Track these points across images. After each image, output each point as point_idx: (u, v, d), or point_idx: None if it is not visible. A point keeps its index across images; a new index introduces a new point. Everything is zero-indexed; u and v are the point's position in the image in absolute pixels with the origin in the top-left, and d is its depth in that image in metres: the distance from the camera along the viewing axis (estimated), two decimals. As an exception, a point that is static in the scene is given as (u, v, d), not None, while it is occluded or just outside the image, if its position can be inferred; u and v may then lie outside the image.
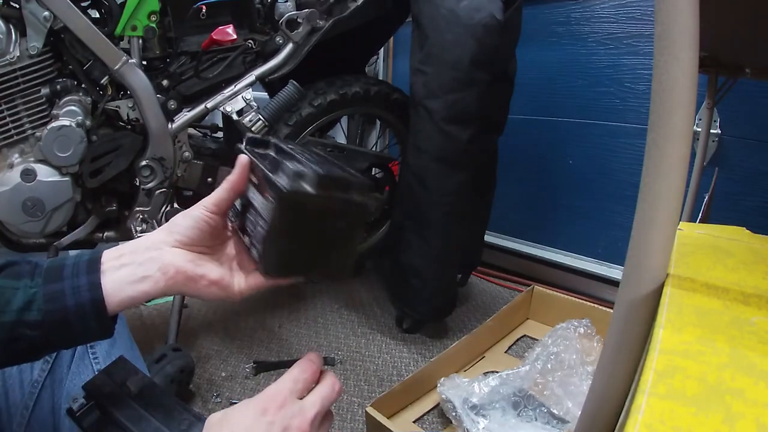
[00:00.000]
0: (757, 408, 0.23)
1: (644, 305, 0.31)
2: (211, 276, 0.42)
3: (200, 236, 0.43)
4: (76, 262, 0.40)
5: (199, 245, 0.43)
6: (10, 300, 0.37)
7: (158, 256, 0.40)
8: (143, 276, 0.39)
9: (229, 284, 0.43)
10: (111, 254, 0.41)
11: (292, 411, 0.38)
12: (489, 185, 1.40)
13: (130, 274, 0.39)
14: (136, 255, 0.40)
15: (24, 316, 0.37)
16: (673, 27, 0.28)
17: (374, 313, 1.45)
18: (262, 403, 0.38)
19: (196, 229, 0.43)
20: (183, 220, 0.43)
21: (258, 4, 1.15)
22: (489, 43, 1.08)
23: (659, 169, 0.29)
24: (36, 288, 0.38)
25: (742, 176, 1.25)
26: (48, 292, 0.38)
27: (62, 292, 0.38)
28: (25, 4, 0.89)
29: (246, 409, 0.38)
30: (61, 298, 0.38)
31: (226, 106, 1.06)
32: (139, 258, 0.40)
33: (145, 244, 0.41)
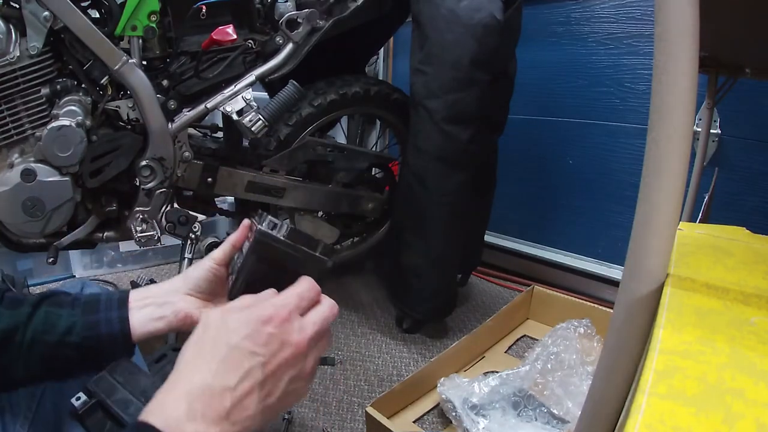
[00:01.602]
0: (757, 408, 0.23)
1: (644, 305, 0.31)
2: None
3: (208, 285, 0.52)
4: (108, 298, 0.50)
5: (207, 293, 0.53)
6: (55, 324, 0.47)
7: (174, 302, 0.51)
8: (160, 316, 0.50)
9: None
10: (137, 295, 0.51)
11: (293, 327, 0.39)
12: (489, 185, 1.40)
13: (150, 313, 0.50)
14: (157, 298, 0.51)
15: (66, 338, 0.47)
16: (673, 27, 0.28)
17: (374, 313, 1.45)
18: (266, 313, 0.39)
19: (206, 280, 0.52)
20: (195, 272, 0.53)
21: (258, 4, 1.15)
22: (489, 43, 1.08)
23: (659, 169, 0.29)
24: (76, 317, 0.48)
25: (742, 176, 1.25)
26: (86, 321, 0.48)
27: (98, 322, 0.48)
28: (25, 4, 0.89)
29: (248, 315, 0.39)
30: (97, 327, 0.48)
31: (226, 106, 1.06)
32: (159, 300, 0.51)
33: (166, 289, 0.52)
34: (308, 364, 0.40)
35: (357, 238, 1.59)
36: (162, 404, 0.35)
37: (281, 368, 0.38)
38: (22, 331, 0.46)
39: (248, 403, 0.36)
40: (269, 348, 0.38)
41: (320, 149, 1.28)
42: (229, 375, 0.36)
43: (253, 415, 0.36)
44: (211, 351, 0.37)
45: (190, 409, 0.34)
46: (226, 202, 1.64)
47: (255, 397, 0.36)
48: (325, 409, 1.06)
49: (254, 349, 0.37)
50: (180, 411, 0.34)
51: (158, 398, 0.35)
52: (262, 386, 0.37)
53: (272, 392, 0.38)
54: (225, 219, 1.76)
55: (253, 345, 0.37)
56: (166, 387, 0.36)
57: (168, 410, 0.34)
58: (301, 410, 1.05)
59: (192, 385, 0.35)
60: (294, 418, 1.02)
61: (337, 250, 1.56)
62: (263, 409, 0.37)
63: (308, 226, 1.36)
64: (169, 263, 1.73)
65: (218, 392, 0.35)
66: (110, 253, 1.63)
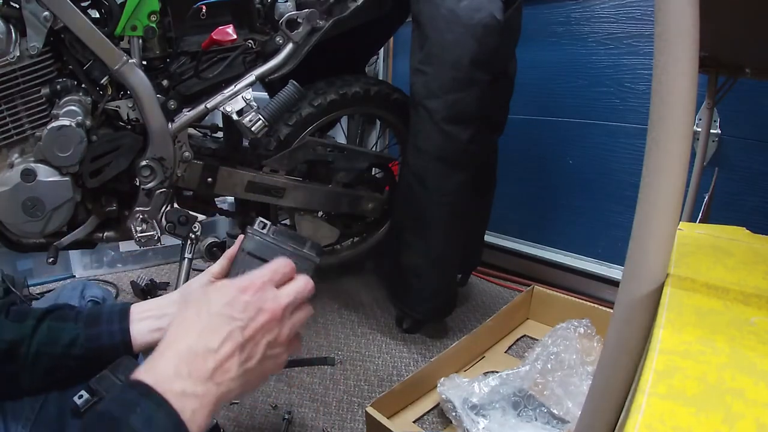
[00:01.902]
0: (757, 408, 0.23)
1: (644, 305, 0.31)
2: None
3: None
4: (110, 311, 0.52)
5: None
6: (59, 337, 0.49)
7: (172, 313, 0.52)
8: (159, 327, 0.52)
9: None
10: (137, 308, 0.53)
11: (267, 295, 0.43)
12: (489, 185, 1.40)
13: (150, 325, 0.52)
14: (156, 311, 0.53)
15: (70, 351, 0.49)
16: (673, 27, 0.28)
17: (374, 313, 1.45)
18: (243, 283, 0.43)
19: None
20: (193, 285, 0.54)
21: (258, 4, 1.15)
22: (489, 43, 1.08)
23: (659, 168, 0.29)
24: (79, 330, 0.50)
25: (742, 176, 1.25)
26: (89, 334, 0.50)
27: (100, 334, 0.50)
28: (25, 4, 0.89)
29: (226, 287, 0.43)
30: (99, 339, 0.50)
31: (226, 106, 1.06)
32: (158, 313, 0.53)
33: (166, 302, 0.54)
34: (284, 331, 0.44)
35: (357, 238, 1.59)
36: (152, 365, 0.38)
37: (259, 332, 0.41)
38: (27, 343, 0.48)
39: (230, 365, 0.39)
40: (247, 314, 0.41)
41: (320, 149, 1.28)
42: (211, 339, 0.39)
43: (235, 377, 0.39)
44: (194, 319, 0.41)
45: (177, 369, 0.37)
46: (226, 202, 1.64)
47: (236, 359, 0.40)
48: (325, 409, 1.06)
49: (233, 314, 0.41)
50: (168, 370, 0.37)
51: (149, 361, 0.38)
52: (242, 349, 0.40)
53: (251, 356, 0.41)
54: (225, 219, 1.76)
55: (232, 311, 0.41)
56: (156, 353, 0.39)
57: (158, 370, 0.37)
58: (301, 410, 1.05)
59: (178, 348, 0.38)
60: (294, 418, 1.02)
61: (337, 250, 1.57)
62: (244, 372, 0.40)
63: (308, 226, 1.36)
64: (169, 263, 1.73)
65: (202, 354, 0.38)
66: (110, 253, 1.63)
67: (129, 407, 0.34)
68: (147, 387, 0.35)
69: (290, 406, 1.05)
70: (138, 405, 0.34)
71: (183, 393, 0.36)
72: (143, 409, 0.34)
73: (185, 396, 0.36)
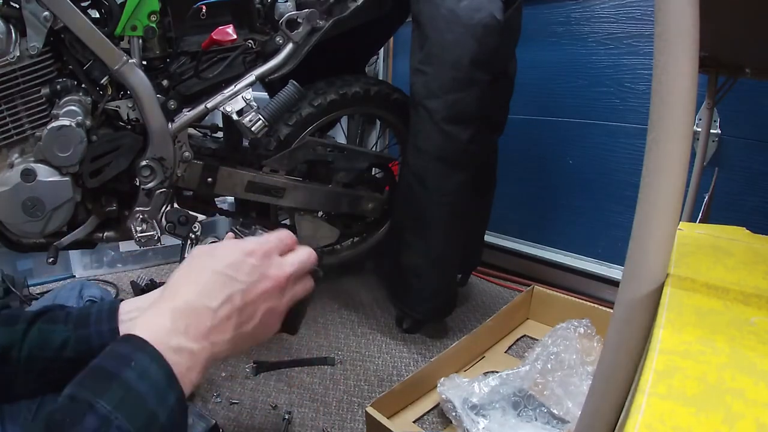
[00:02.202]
0: (757, 408, 0.23)
1: (644, 305, 0.31)
2: None
3: None
4: (99, 311, 0.51)
5: None
6: (50, 340, 0.48)
7: None
8: None
9: None
10: (125, 308, 0.52)
11: (272, 262, 0.43)
12: (489, 185, 1.40)
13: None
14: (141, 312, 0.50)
15: (61, 354, 0.48)
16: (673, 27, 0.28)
17: (374, 313, 1.45)
18: (250, 246, 0.43)
19: None
20: None
21: (258, 4, 1.15)
22: (489, 43, 1.08)
23: (659, 169, 0.29)
24: (69, 332, 0.49)
25: (742, 176, 1.25)
26: (79, 336, 0.49)
27: (89, 336, 0.49)
28: (25, 4, 0.89)
29: (233, 247, 0.43)
30: (89, 341, 0.49)
31: (226, 106, 1.06)
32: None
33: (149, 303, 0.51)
34: (284, 300, 0.43)
35: (357, 238, 1.59)
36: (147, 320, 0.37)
37: (259, 298, 0.41)
38: (18, 347, 0.47)
39: (227, 326, 0.39)
40: (250, 277, 0.41)
41: (320, 149, 1.28)
42: (211, 297, 0.39)
43: (229, 339, 0.39)
44: (196, 275, 0.40)
45: (174, 325, 0.37)
46: (226, 202, 1.64)
47: (233, 321, 0.40)
48: (325, 409, 1.06)
49: (236, 276, 0.40)
50: (165, 325, 0.36)
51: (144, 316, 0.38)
52: (240, 312, 0.40)
53: (248, 320, 0.41)
54: (225, 219, 1.76)
55: (236, 272, 0.40)
56: (152, 306, 0.39)
57: (153, 325, 0.37)
58: (301, 410, 1.05)
59: (176, 303, 0.38)
60: (294, 418, 1.02)
61: (337, 250, 1.57)
62: (238, 336, 0.40)
63: (308, 226, 1.36)
64: (169, 263, 1.73)
65: (200, 311, 0.38)
66: (110, 253, 1.63)
67: (123, 361, 0.34)
68: (141, 341, 0.35)
69: (290, 406, 1.05)
70: (132, 359, 0.34)
71: (178, 348, 0.36)
72: (137, 363, 0.34)
73: (180, 352, 0.36)
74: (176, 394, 0.35)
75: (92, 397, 0.32)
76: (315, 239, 1.37)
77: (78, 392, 0.33)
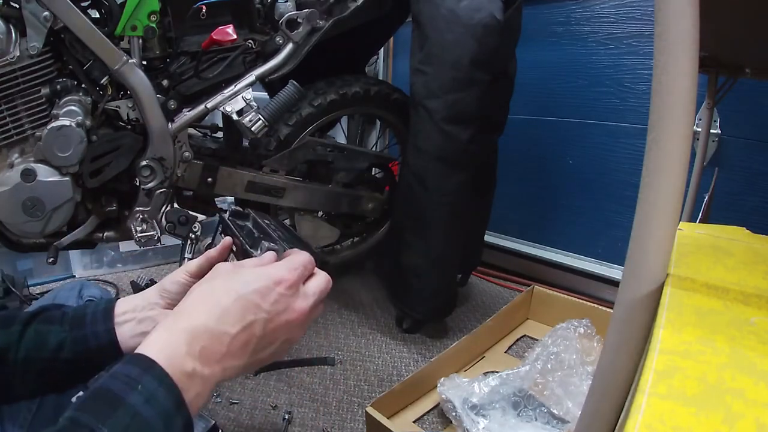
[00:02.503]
0: (757, 408, 0.23)
1: (644, 305, 0.31)
2: None
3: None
4: (94, 311, 0.51)
5: None
6: (46, 342, 0.48)
7: (154, 316, 0.51)
8: (142, 332, 0.50)
9: None
10: (119, 309, 0.51)
11: (299, 293, 0.42)
12: (489, 185, 1.40)
13: (131, 329, 0.50)
14: (136, 313, 0.51)
15: (58, 355, 0.48)
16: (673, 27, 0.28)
17: (374, 313, 1.45)
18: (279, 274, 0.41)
19: (181, 293, 0.52)
20: (171, 285, 0.53)
21: (258, 4, 1.15)
22: (489, 43, 1.08)
23: (659, 169, 0.29)
24: (65, 333, 0.49)
25: (742, 176, 1.25)
26: (75, 336, 0.49)
27: (86, 337, 0.49)
28: (25, 4, 0.89)
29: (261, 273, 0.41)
30: (85, 341, 0.49)
31: (226, 106, 1.06)
32: (139, 316, 0.51)
33: (143, 304, 0.52)
34: (301, 331, 0.43)
35: (357, 238, 1.59)
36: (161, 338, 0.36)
37: (281, 328, 0.40)
38: (14, 349, 0.47)
39: (242, 353, 0.38)
40: (275, 307, 0.40)
41: (320, 149, 1.28)
42: (232, 322, 0.38)
43: (241, 366, 0.39)
44: (217, 296, 0.39)
45: (189, 348, 0.35)
46: (226, 202, 1.64)
47: (250, 348, 0.39)
48: (325, 409, 1.06)
49: (261, 305, 0.39)
50: (179, 348, 0.35)
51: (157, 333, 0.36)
52: (259, 341, 0.39)
53: (265, 348, 0.40)
54: (225, 219, 1.76)
55: (262, 300, 0.39)
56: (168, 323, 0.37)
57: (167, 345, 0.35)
58: (301, 410, 1.05)
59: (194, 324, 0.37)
60: (294, 418, 1.02)
61: (337, 250, 1.57)
62: (251, 363, 0.39)
63: (308, 226, 1.36)
64: (169, 263, 1.73)
65: (218, 336, 0.37)
66: (110, 253, 1.63)
67: (130, 383, 0.33)
68: (150, 361, 0.34)
69: (290, 406, 1.05)
70: (139, 381, 0.33)
71: (192, 374, 0.35)
72: (144, 386, 0.33)
73: (193, 377, 0.35)
74: (183, 419, 0.34)
75: (95, 423, 0.31)
76: (315, 239, 1.37)
77: (80, 416, 0.32)
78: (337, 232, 1.41)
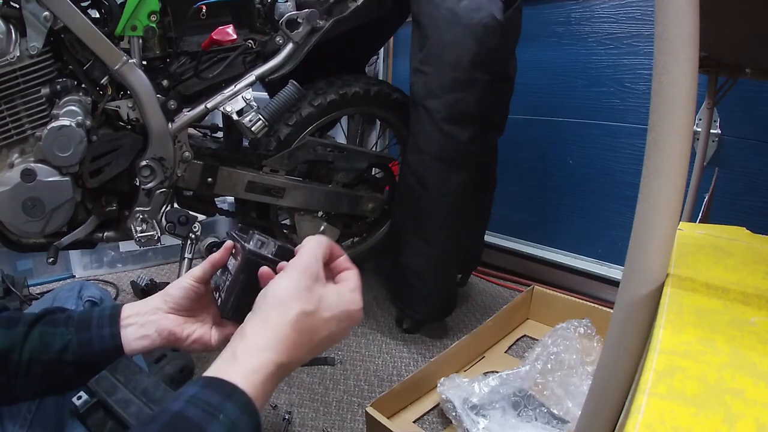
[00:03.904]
0: (757, 408, 0.23)
1: (644, 305, 0.31)
2: (193, 336, 0.54)
3: (188, 303, 0.54)
4: (100, 315, 0.52)
5: (187, 310, 0.54)
6: (51, 344, 0.48)
7: (156, 320, 0.52)
8: (144, 335, 0.52)
9: (207, 341, 0.54)
10: (125, 312, 0.52)
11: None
12: (489, 185, 1.40)
13: (134, 332, 0.51)
14: (139, 317, 0.52)
15: (62, 357, 0.48)
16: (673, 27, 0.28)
17: (374, 313, 1.45)
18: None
19: (185, 298, 0.53)
20: (175, 291, 0.54)
21: (258, 4, 1.15)
22: (489, 43, 1.08)
23: (659, 169, 0.29)
24: (70, 336, 0.49)
25: (742, 176, 1.25)
26: (80, 339, 0.49)
27: (91, 340, 0.50)
28: (25, 4, 0.89)
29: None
30: (90, 344, 0.49)
31: (226, 106, 1.06)
32: (142, 320, 0.52)
33: (146, 309, 0.53)
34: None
35: (357, 238, 1.59)
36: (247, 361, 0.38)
37: (343, 332, 0.47)
38: (18, 351, 0.47)
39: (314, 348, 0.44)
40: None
41: (320, 149, 1.28)
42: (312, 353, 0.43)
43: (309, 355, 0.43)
44: (310, 338, 0.43)
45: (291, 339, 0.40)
46: (226, 202, 1.64)
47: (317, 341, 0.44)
48: (325, 409, 1.06)
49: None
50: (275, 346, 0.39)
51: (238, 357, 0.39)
52: (322, 343, 0.44)
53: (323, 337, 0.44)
54: (225, 219, 1.76)
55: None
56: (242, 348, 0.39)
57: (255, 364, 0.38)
58: (301, 410, 1.05)
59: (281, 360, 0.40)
60: (294, 418, 1.02)
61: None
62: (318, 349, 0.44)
63: (308, 226, 1.36)
64: (169, 263, 1.73)
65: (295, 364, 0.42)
66: (110, 253, 1.63)
67: (210, 412, 0.33)
68: (232, 387, 0.35)
69: (290, 406, 1.05)
70: (221, 410, 0.33)
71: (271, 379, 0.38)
72: (226, 415, 0.33)
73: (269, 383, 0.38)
74: None
75: None
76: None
77: None
78: (337, 232, 1.41)
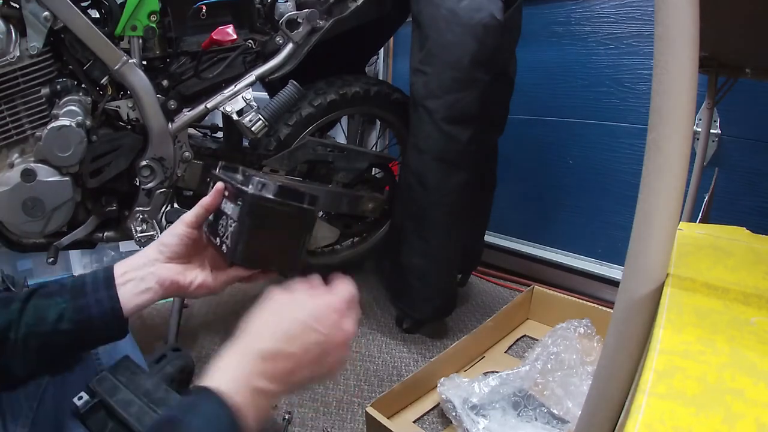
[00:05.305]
0: (757, 408, 0.23)
1: (644, 305, 0.31)
2: (197, 282, 0.53)
3: (184, 250, 0.54)
4: (94, 279, 0.50)
5: (184, 257, 0.54)
6: (46, 315, 0.47)
7: (155, 271, 0.51)
8: (146, 288, 0.50)
9: (210, 284, 0.54)
10: (117, 271, 0.51)
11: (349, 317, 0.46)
12: (489, 185, 1.40)
13: (134, 287, 0.50)
14: (138, 271, 0.51)
15: (58, 326, 0.47)
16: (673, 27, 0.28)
17: (374, 313, 1.45)
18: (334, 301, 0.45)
19: (181, 245, 0.53)
20: (170, 239, 0.53)
21: (258, 4, 1.15)
22: (489, 43, 1.08)
23: (659, 169, 0.29)
24: (65, 303, 0.48)
25: (742, 176, 1.25)
26: (76, 305, 0.48)
27: (88, 305, 0.48)
28: (25, 4, 0.89)
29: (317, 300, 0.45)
30: (87, 309, 0.48)
31: (226, 106, 1.06)
32: (140, 273, 0.51)
33: (143, 261, 0.52)
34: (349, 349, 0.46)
35: (357, 238, 1.59)
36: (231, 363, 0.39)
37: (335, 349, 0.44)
38: (15, 327, 0.47)
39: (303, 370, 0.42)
40: (331, 331, 0.44)
41: (320, 149, 1.28)
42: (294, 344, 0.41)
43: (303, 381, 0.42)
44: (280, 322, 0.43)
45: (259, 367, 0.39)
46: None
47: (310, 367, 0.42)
48: (325, 409, 1.06)
49: (318, 328, 0.43)
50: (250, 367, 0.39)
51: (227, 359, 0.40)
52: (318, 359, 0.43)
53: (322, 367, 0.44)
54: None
55: (318, 324, 0.43)
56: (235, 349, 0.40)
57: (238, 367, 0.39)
58: (301, 410, 1.05)
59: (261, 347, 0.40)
60: (294, 418, 1.02)
61: (337, 250, 1.56)
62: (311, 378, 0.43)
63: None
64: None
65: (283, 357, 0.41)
66: (110, 253, 1.63)
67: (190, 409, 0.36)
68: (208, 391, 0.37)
69: (290, 406, 1.05)
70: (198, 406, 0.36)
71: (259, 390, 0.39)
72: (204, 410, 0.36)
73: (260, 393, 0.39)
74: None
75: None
76: (315, 239, 1.37)
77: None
78: (337, 232, 1.41)
